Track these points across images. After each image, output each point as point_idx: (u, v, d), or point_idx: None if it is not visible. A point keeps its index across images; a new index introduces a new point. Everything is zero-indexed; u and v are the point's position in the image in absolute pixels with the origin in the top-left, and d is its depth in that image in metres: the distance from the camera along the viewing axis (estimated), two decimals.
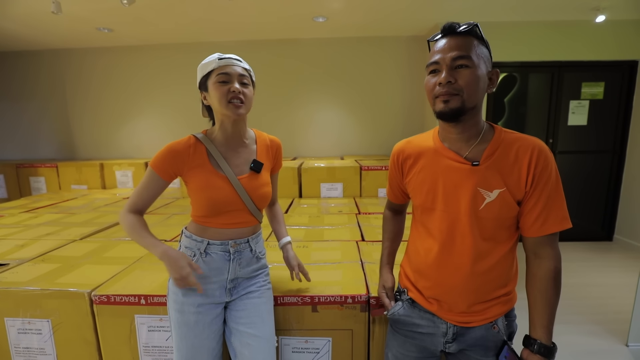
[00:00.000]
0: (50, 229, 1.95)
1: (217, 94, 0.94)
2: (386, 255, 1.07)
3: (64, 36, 3.30)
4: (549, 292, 0.79)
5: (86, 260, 1.48)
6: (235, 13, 2.78)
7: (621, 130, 3.30)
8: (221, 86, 0.94)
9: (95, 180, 3.32)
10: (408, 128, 3.71)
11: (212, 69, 0.95)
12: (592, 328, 2.05)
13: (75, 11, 2.60)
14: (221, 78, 0.95)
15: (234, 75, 0.95)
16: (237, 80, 0.96)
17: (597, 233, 3.48)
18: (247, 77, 0.99)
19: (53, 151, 3.96)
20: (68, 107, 3.86)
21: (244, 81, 0.98)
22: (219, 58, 0.96)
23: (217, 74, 0.95)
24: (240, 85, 0.96)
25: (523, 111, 3.33)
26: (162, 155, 0.96)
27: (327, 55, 3.61)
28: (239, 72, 0.97)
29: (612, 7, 2.74)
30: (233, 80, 0.95)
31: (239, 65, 0.98)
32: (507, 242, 0.83)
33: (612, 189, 3.41)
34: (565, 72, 3.21)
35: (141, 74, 3.74)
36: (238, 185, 0.99)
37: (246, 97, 0.97)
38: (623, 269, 2.83)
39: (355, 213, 2.25)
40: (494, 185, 0.78)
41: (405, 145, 0.94)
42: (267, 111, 3.61)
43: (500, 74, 0.82)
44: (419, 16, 2.98)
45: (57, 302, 1.21)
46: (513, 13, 2.87)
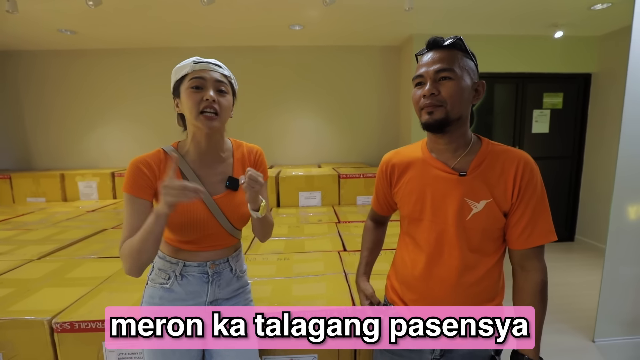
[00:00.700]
0: (3, 248, 1.77)
1: (189, 102, 0.83)
2: (364, 265, 1.05)
3: (20, 37, 3.05)
4: (536, 305, 0.79)
5: (45, 283, 1.34)
6: (211, 18, 2.71)
7: (579, 137, 3.54)
8: (194, 93, 0.83)
9: (55, 192, 3.07)
10: (384, 135, 3.77)
11: (186, 72, 0.84)
12: (560, 326, 2.15)
13: (34, 10, 2.41)
14: (195, 83, 0.83)
15: (209, 81, 0.84)
16: (212, 87, 0.84)
17: (560, 234, 3.68)
18: (225, 85, 0.87)
19: (5, 161, 3.64)
20: (24, 114, 3.56)
21: (221, 88, 0.86)
22: (195, 62, 0.85)
23: (190, 78, 0.84)
24: (216, 93, 0.85)
25: (490, 119, 3.49)
26: (132, 174, 0.83)
27: (303, 63, 3.61)
28: (216, 77, 0.85)
29: (568, 25, 2.96)
30: (208, 87, 0.84)
31: (217, 70, 0.87)
32: (494, 254, 0.83)
33: (573, 192, 3.64)
34: (529, 83, 3.42)
35: (108, 79, 3.53)
36: (213, 206, 0.88)
37: (221, 107, 0.85)
38: (586, 268, 3.00)
39: (335, 222, 2.23)
40: (480, 195, 0.79)
41: (393, 155, 0.94)
42: (243, 119, 3.53)
43: (485, 85, 0.82)
44: (393, 28, 3.05)
45: (11, 333, 1.08)
46: (481, 27, 3.02)
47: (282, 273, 1.43)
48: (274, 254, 1.66)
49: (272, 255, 1.63)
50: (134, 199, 0.83)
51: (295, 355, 1.14)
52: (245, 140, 1.04)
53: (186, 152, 0.91)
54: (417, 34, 3.18)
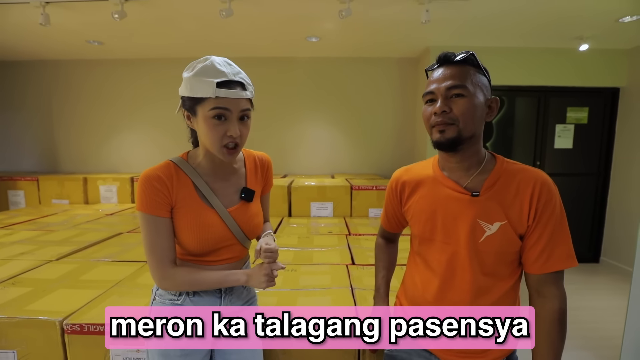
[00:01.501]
0: (25, 248, 1.85)
1: (211, 135, 0.77)
2: (384, 286, 1.02)
3: (52, 47, 3.25)
4: (552, 335, 0.75)
5: (60, 284, 1.39)
6: (229, 30, 2.80)
7: (605, 154, 3.39)
8: (216, 126, 0.76)
9: (78, 195, 3.20)
10: (399, 148, 3.73)
11: (207, 96, 0.75)
12: (581, 354, 2.03)
13: (65, 23, 2.56)
14: (218, 113, 0.76)
15: (234, 113, 0.77)
16: (237, 118, 0.78)
17: (583, 255, 3.51)
18: (249, 110, 0.81)
19: (35, 163, 3.84)
20: (54, 119, 3.77)
21: (245, 116, 0.80)
22: (219, 85, 0.75)
23: (213, 107, 0.75)
24: (239, 122, 0.79)
25: (510, 134, 3.40)
26: (147, 192, 0.79)
27: (319, 73, 3.65)
28: (242, 106, 0.78)
29: (594, 37, 2.86)
30: (233, 119, 0.77)
31: (243, 97, 0.78)
32: (508, 278, 0.80)
33: (598, 211, 3.47)
34: (551, 97, 3.31)
35: (131, 88, 3.69)
36: (229, 219, 0.86)
37: (243, 137, 0.81)
38: (611, 292, 2.84)
39: (345, 234, 2.21)
40: (494, 217, 0.76)
41: (403, 172, 0.92)
42: (258, 128, 3.57)
43: (499, 101, 0.80)
44: (410, 39, 3.05)
45: (25, 332, 1.12)
46: (501, 39, 2.97)
47: (289, 285, 1.42)
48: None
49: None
50: (154, 218, 0.80)
51: None
52: (260, 148, 1.04)
53: (198, 164, 0.87)
54: (434, 46, 3.16)
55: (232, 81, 0.78)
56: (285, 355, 1.12)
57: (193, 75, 0.77)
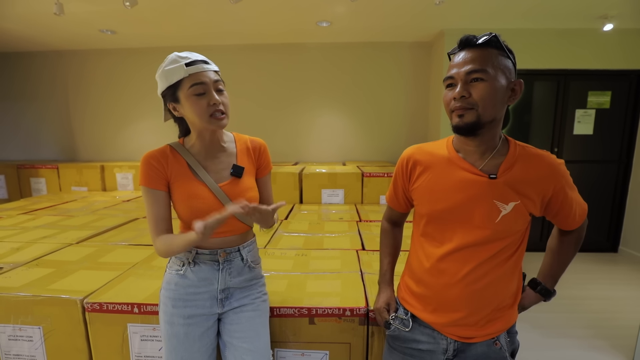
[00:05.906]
0: (47, 232, 1.93)
1: (197, 109, 0.87)
2: (389, 272, 1.03)
3: (66, 37, 3.30)
4: (569, 254, 0.90)
5: (80, 266, 1.45)
6: (239, 17, 2.78)
7: (627, 140, 3.25)
8: (198, 100, 0.87)
9: (96, 182, 3.30)
10: (412, 134, 3.68)
11: (181, 77, 0.86)
12: (597, 343, 2.00)
13: (78, 13, 2.59)
14: (197, 90, 0.86)
15: (209, 84, 0.87)
16: (213, 88, 0.88)
17: (602, 244, 3.42)
18: (221, 82, 0.91)
19: (54, 152, 3.96)
20: (70, 108, 3.86)
21: (220, 87, 0.90)
22: (187, 64, 0.86)
23: (190, 85, 0.86)
24: (217, 93, 0.89)
25: (528, 119, 3.29)
26: (145, 169, 0.92)
27: (330, 59, 3.60)
28: (213, 78, 0.89)
29: (619, 16, 2.71)
30: (210, 90, 0.88)
31: (211, 69, 0.89)
32: (513, 255, 0.82)
33: (618, 199, 3.35)
34: (572, 81, 3.18)
35: (144, 76, 3.73)
36: (220, 192, 0.94)
37: (225, 105, 0.91)
38: (628, 282, 2.77)
39: (356, 220, 2.22)
40: (509, 198, 0.79)
41: (415, 150, 0.91)
42: (269, 115, 3.59)
43: (523, 84, 0.79)
44: (423, 22, 2.96)
45: (49, 309, 1.18)
46: (519, 20, 2.85)
47: (299, 269, 1.44)
48: (293, 249, 1.68)
49: (291, 251, 1.65)
50: (151, 190, 0.92)
51: (307, 350, 1.15)
52: (271, 136, 1.09)
53: (191, 146, 0.98)
54: (449, 29, 3.06)
55: (197, 60, 0.89)
56: (295, 336, 1.15)
57: (164, 69, 0.89)
